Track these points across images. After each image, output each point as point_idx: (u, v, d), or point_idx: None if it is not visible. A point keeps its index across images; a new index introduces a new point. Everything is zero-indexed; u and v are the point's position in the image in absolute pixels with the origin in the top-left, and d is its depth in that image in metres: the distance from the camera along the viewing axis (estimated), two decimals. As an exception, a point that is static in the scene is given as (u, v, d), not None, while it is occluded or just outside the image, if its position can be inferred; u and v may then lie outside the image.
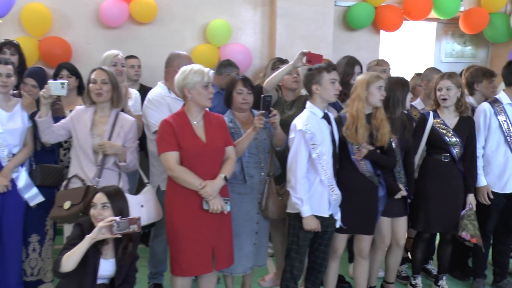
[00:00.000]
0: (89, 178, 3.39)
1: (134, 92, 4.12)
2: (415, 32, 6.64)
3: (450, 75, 3.88)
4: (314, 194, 3.38)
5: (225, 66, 4.99)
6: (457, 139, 3.86)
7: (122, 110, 3.84)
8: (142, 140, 4.00)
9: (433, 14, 5.80)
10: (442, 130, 3.88)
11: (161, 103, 3.83)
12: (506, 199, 4.10)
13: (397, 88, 3.72)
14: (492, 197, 4.04)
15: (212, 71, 3.33)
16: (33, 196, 3.70)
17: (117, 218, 2.86)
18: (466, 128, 3.91)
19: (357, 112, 3.50)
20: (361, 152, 3.50)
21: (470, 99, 4.48)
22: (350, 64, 4.26)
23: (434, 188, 3.91)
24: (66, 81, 3.39)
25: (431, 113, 3.96)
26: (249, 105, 3.66)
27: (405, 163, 3.83)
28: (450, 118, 3.93)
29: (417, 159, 4.00)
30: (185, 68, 3.29)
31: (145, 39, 5.51)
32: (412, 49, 6.86)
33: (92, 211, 2.97)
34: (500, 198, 4.09)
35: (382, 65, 4.65)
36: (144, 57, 5.29)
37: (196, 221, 3.21)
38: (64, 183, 3.45)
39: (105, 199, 2.98)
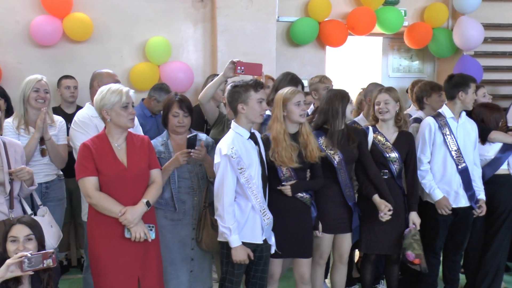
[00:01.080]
0: (3, 212, 3.11)
1: (58, 120, 3.85)
2: (361, 47, 6.60)
3: (388, 89, 3.81)
4: (247, 221, 3.18)
5: (154, 89, 4.81)
6: (396, 155, 3.76)
7: (42, 139, 3.64)
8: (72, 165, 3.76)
9: (378, 29, 5.76)
10: (381, 146, 3.78)
11: (87, 124, 3.62)
12: (454, 215, 4.00)
13: (335, 100, 3.61)
14: (450, 208, 3.93)
15: (132, 91, 3.14)
16: None
17: (28, 254, 2.61)
18: (406, 143, 3.82)
19: (277, 134, 3.35)
20: (285, 192, 3.37)
21: (420, 114, 4.41)
22: (285, 80, 4.10)
23: (374, 206, 3.78)
24: None
25: (370, 128, 3.86)
26: (185, 128, 3.48)
27: (370, 176, 3.70)
28: (389, 134, 3.84)
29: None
30: (103, 88, 3.09)
31: (82, 58, 5.28)
32: (359, 64, 6.82)
33: (11, 247, 2.71)
34: (447, 214, 3.98)
35: (324, 82, 4.53)
36: (81, 77, 5.03)
37: (119, 250, 2.99)
38: None
39: (27, 231, 2.74)
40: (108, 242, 2.99)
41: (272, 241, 3.34)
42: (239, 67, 3.55)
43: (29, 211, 3.27)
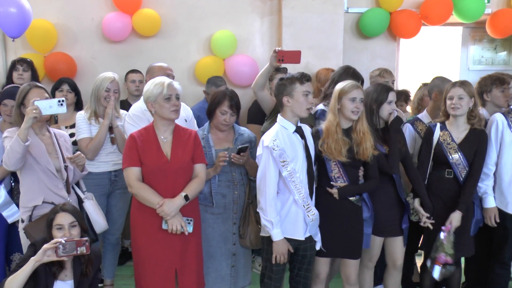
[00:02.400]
0: (63, 196, 3.27)
1: (124, 113, 3.98)
2: (438, 38, 6.18)
3: (463, 83, 3.53)
4: (288, 215, 3.11)
5: (206, 83, 4.87)
6: (460, 156, 3.48)
7: (111, 128, 3.80)
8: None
9: (455, 18, 5.37)
10: (446, 146, 3.52)
11: (141, 118, 3.70)
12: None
13: (370, 97, 3.44)
14: (498, 220, 3.62)
15: (176, 83, 3.15)
16: (12, 213, 3.66)
17: (63, 240, 2.71)
18: (475, 142, 3.52)
19: (329, 126, 3.23)
20: (334, 194, 3.24)
21: (483, 111, 4.07)
22: (346, 74, 3.93)
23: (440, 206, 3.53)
24: (64, 99, 3.28)
25: (438, 125, 3.61)
26: (230, 126, 3.46)
27: (409, 178, 3.55)
28: (459, 132, 3.56)
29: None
30: (150, 81, 3.15)
31: (150, 53, 5.41)
32: (436, 57, 6.39)
33: (58, 234, 2.84)
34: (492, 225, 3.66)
35: (384, 76, 4.29)
36: (149, 71, 5.22)
37: (158, 241, 3.05)
38: (26, 215, 3.23)
39: (71, 218, 2.86)
40: (148, 232, 3.05)
41: (318, 238, 3.23)
42: (280, 57, 3.51)
43: (82, 195, 3.42)
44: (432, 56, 6.32)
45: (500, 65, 6.00)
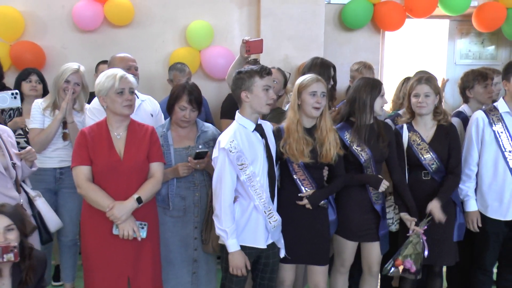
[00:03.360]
0: (13, 197, 3.04)
1: (87, 108, 3.73)
2: (425, 31, 5.96)
3: (428, 80, 3.34)
4: (249, 222, 2.90)
5: (168, 71, 4.63)
6: (433, 155, 3.29)
7: (65, 123, 3.57)
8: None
9: (441, 10, 5.16)
10: (416, 147, 3.32)
11: (101, 112, 3.45)
12: (508, 228, 3.48)
13: (363, 90, 3.22)
14: (480, 224, 3.43)
15: (130, 76, 2.94)
16: None
17: None
18: (445, 138, 3.34)
19: (290, 124, 3.03)
20: (306, 205, 3.05)
21: (464, 108, 3.88)
22: (314, 66, 3.71)
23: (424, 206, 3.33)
24: (17, 91, 3.05)
25: (405, 127, 3.42)
26: (191, 123, 3.24)
27: (393, 182, 3.33)
28: (426, 130, 3.37)
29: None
30: (102, 74, 2.93)
31: (123, 43, 5.17)
32: (422, 50, 6.16)
33: None
34: (500, 226, 3.47)
35: (362, 72, 4.08)
36: (122, 61, 5.00)
37: (109, 246, 2.85)
38: None
39: (7, 221, 2.65)
40: (98, 236, 2.86)
41: (281, 244, 3.03)
42: (247, 47, 3.35)
43: (32, 193, 3.21)
44: (418, 50, 6.09)
45: (488, 59, 5.79)
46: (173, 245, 3.17)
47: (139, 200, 2.79)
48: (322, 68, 3.65)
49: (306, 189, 3.04)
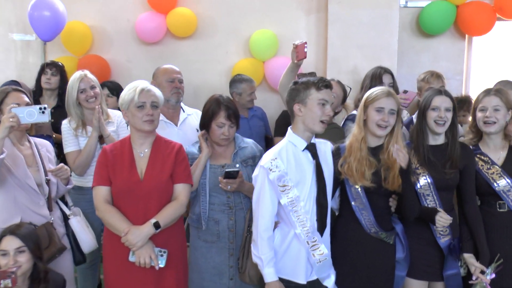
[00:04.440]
0: (44, 215, 2.93)
1: (116, 115, 3.60)
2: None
3: (499, 91, 2.82)
4: (288, 251, 2.56)
5: (230, 85, 4.36)
6: (509, 181, 2.72)
7: (101, 137, 3.43)
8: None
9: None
10: (486, 172, 2.78)
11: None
12: None
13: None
14: None
15: (154, 89, 2.72)
16: None
17: None
18: None
19: (353, 141, 2.67)
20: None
21: None
22: (376, 76, 3.29)
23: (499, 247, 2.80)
24: (46, 106, 2.98)
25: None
26: (230, 140, 2.97)
27: (465, 215, 2.83)
28: (497, 151, 2.83)
29: None
30: (127, 86, 2.74)
31: (186, 55, 5.05)
32: None
33: (2, 261, 2.51)
34: None
35: (429, 81, 3.56)
36: (186, 74, 4.82)
37: (128, 273, 2.63)
38: None
39: (18, 243, 2.53)
40: (117, 262, 2.67)
41: (330, 283, 2.63)
42: (296, 53, 3.08)
43: (67, 211, 3.09)
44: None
45: None
46: (206, 273, 2.91)
47: (156, 225, 2.55)
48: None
49: (365, 219, 2.63)
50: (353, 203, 2.68)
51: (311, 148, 2.60)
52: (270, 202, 2.51)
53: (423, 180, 2.73)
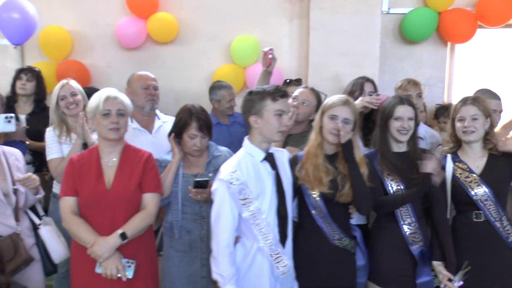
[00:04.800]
0: (10, 225, 2.84)
1: None
2: (504, 42, 5.13)
3: (476, 100, 2.78)
4: (252, 266, 2.50)
5: (209, 92, 4.32)
6: (486, 190, 2.69)
7: (85, 145, 3.35)
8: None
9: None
10: (464, 180, 2.73)
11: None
12: None
13: (379, 114, 2.82)
14: None
15: (122, 96, 2.66)
16: None
17: None
18: (501, 168, 2.75)
19: (310, 147, 2.65)
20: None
21: None
22: (357, 85, 3.26)
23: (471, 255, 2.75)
24: (13, 115, 2.91)
25: (449, 157, 2.85)
26: (202, 151, 2.91)
27: (433, 221, 2.79)
28: (475, 159, 2.79)
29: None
30: (96, 93, 2.68)
31: (167, 60, 4.99)
32: (500, 65, 5.31)
33: None
34: None
35: (406, 88, 3.51)
36: (166, 80, 4.82)
37: (95, 284, 2.57)
38: None
39: None
40: (84, 273, 2.59)
41: None
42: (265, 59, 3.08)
43: (37, 221, 3.00)
44: (496, 65, 5.30)
45: None
46: (178, 283, 2.86)
47: (123, 236, 2.48)
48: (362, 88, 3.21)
49: (327, 228, 2.57)
50: (313, 211, 2.63)
51: (270, 159, 2.55)
52: (231, 216, 2.43)
53: (396, 187, 2.69)
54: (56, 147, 3.37)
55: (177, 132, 2.89)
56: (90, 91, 4.34)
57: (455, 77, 4.89)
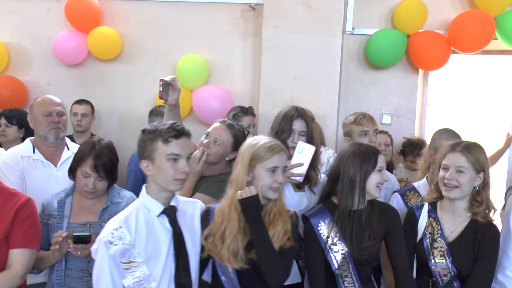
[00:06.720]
0: None
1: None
2: (486, 70, 4.57)
3: (468, 148, 2.26)
4: None
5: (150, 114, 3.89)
6: (448, 263, 2.23)
7: None
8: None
9: (500, 43, 3.88)
10: (429, 243, 2.29)
11: (11, 168, 2.87)
12: None
13: (351, 163, 2.25)
14: None
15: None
16: None
17: None
18: (475, 242, 2.26)
19: (224, 206, 2.13)
20: None
21: None
22: (286, 119, 2.71)
23: None
24: None
25: (426, 206, 2.37)
26: (96, 195, 2.44)
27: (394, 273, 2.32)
28: (454, 222, 2.31)
29: None
30: None
31: (111, 79, 4.57)
32: (483, 95, 4.72)
33: None
34: None
35: (361, 123, 2.93)
36: (110, 100, 4.41)
37: None
38: None
39: None
40: None
41: None
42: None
43: None
44: (477, 95, 4.72)
45: None
46: None
47: None
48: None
49: None
50: (223, 278, 2.15)
51: (169, 213, 2.06)
52: (111, 283, 1.97)
53: (341, 256, 2.19)
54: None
55: (73, 166, 2.44)
56: (12, 114, 3.91)
57: (429, 108, 4.34)
